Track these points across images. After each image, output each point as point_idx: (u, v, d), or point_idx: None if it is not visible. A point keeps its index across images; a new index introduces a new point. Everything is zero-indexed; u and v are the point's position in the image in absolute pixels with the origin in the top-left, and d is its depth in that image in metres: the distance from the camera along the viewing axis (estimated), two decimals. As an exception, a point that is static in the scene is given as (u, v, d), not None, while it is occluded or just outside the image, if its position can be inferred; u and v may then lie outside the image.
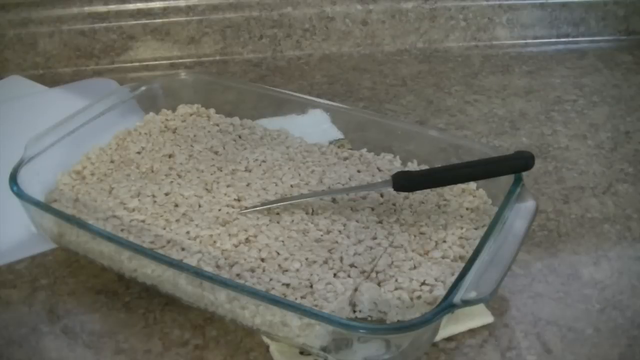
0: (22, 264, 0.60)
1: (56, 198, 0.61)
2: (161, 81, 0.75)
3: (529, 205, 0.54)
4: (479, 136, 0.77)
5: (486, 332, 0.52)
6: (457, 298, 0.45)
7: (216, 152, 0.68)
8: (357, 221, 0.58)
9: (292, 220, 0.58)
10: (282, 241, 0.56)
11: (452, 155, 0.63)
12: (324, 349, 0.47)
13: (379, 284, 0.52)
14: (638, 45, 1.00)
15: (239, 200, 0.60)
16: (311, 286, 0.51)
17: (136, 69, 0.95)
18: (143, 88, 0.72)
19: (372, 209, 0.59)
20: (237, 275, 0.52)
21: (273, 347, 0.50)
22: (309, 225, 0.57)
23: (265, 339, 0.51)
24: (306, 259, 0.54)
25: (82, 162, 0.66)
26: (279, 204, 0.59)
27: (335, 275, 0.52)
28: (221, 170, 0.64)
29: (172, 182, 0.63)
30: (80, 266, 0.59)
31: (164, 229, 0.57)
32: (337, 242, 0.55)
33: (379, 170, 0.65)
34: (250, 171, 0.64)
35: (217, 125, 0.72)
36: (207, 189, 0.62)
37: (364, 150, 0.68)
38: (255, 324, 0.49)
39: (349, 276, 0.52)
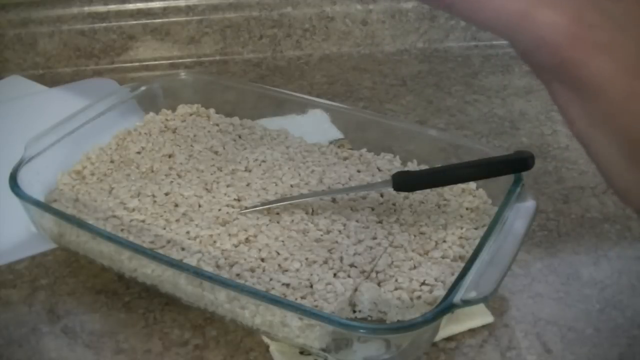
0: (22, 264, 0.60)
1: (56, 198, 0.61)
2: (161, 81, 0.75)
3: (529, 205, 0.53)
4: (479, 136, 0.77)
5: (486, 332, 0.52)
6: (457, 298, 0.45)
7: (216, 152, 0.68)
8: (357, 221, 0.58)
9: (292, 220, 0.58)
10: (282, 241, 0.56)
11: (452, 155, 0.63)
12: (324, 349, 0.47)
13: (379, 284, 0.52)
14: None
15: (239, 200, 0.60)
16: (311, 286, 0.51)
17: (136, 69, 0.95)
18: (143, 88, 0.72)
19: (372, 209, 0.59)
20: (237, 275, 0.52)
21: (273, 347, 0.50)
22: (308, 225, 0.57)
23: (265, 339, 0.51)
24: (306, 259, 0.54)
25: (82, 162, 0.66)
26: (278, 204, 0.59)
27: (335, 275, 0.52)
28: (221, 170, 0.64)
29: (172, 182, 0.63)
30: (80, 266, 0.59)
31: (164, 228, 0.57)
32: (337, 242, 0.55)
33: (379, 170, 0.65)
34: (250, 171, 0.64)
35: (217, 125, 0.72)
36: (207, 189, 0.62)
37: (364, 150, 0.67)
38: (255, 324, 0.49)
39: (349, 276, 0.52)
